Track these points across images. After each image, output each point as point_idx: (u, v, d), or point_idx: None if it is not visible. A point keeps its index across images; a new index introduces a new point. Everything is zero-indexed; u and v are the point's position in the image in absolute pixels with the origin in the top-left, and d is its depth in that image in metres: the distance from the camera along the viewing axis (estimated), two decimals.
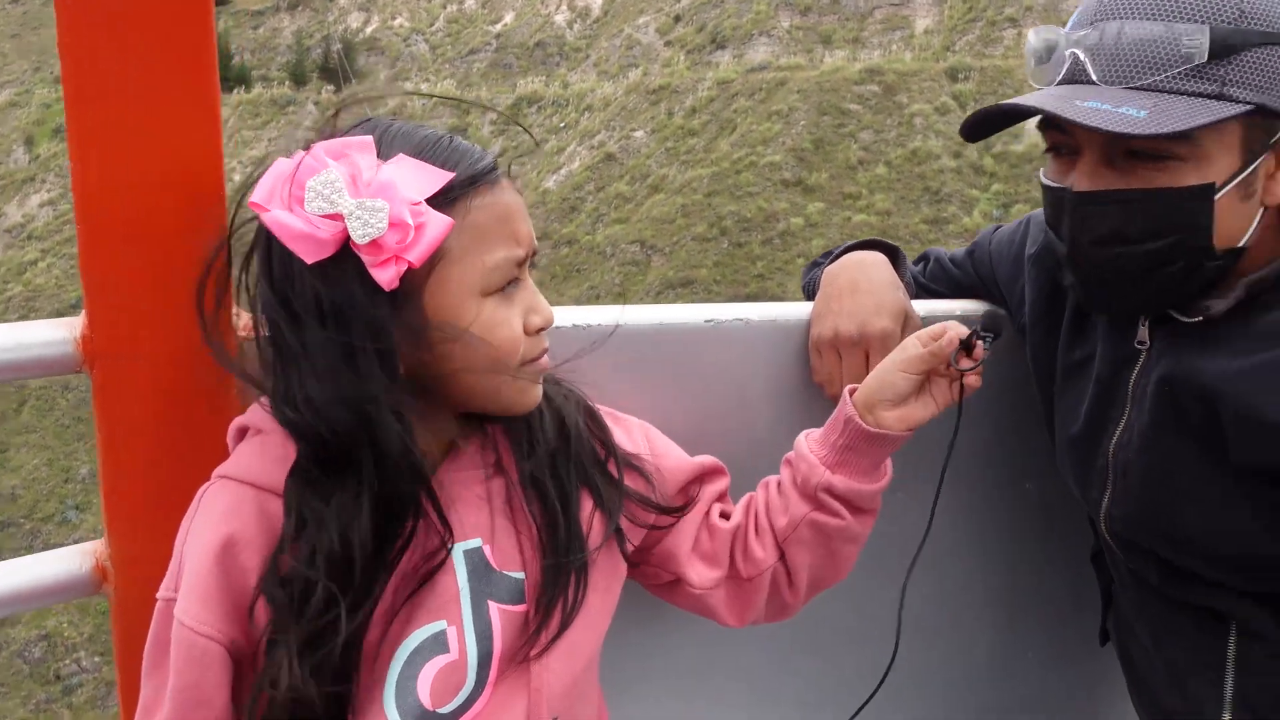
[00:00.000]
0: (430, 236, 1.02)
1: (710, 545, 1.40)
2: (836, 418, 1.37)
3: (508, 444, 1.24)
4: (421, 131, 1.12)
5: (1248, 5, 1.13)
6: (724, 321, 1.57)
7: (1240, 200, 1.19)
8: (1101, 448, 1.43)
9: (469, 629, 1.17)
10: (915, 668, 1.55)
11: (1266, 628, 1.30)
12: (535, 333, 1.16)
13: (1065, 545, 1.80)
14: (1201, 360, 1.26)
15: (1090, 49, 1.16)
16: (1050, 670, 1.95)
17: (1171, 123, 1.09)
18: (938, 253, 1.86)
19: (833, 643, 1.75)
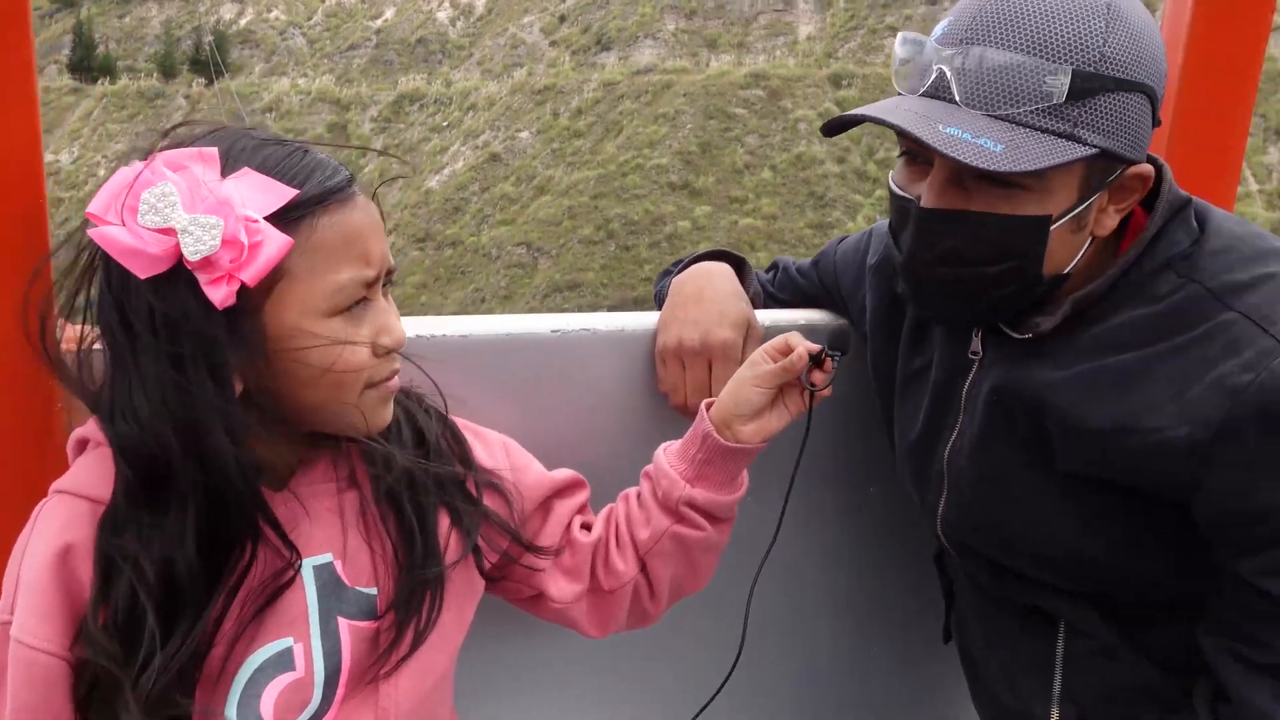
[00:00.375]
0: (266, 256, 0.99)
1: (571, 559, 1.40)
2: (695, 433, 1.38)
3: (361, 458, 1.20)
4: (272, 145, 1.06)
5: (1109, 50, 1.16)
6: (570, 331, 1.58)
7: (1071, 232, 1.24)
8: (937, 454, 1.47)
9: (316, 646, 1.15)
10: (763, 668, 1.60)
11: (1092, 626, 1.36)
12: (385, 354, 1.12)
13: (909, 548, 1.84)
14: (1029, 372, 1.31)
15: (957, 70, 1.19)
16: (896, 669, 2.01)
17: (1025, 161, 1.13)
18: (786, 262, 1.89)
19: (685, 644, 1.75)
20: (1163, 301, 1.24)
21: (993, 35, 1.18)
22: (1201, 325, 1.20)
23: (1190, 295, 1.22)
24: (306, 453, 1.19)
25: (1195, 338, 1.20)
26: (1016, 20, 1.18)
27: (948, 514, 1.47)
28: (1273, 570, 1.16)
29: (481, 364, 1.53)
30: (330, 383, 1.08)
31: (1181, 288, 1.23)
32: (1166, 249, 1.26)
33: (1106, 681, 1.38)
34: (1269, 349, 1.14)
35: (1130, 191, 1.27)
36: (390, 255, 1.12)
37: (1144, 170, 1.24)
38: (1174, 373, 1.20)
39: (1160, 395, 1.20)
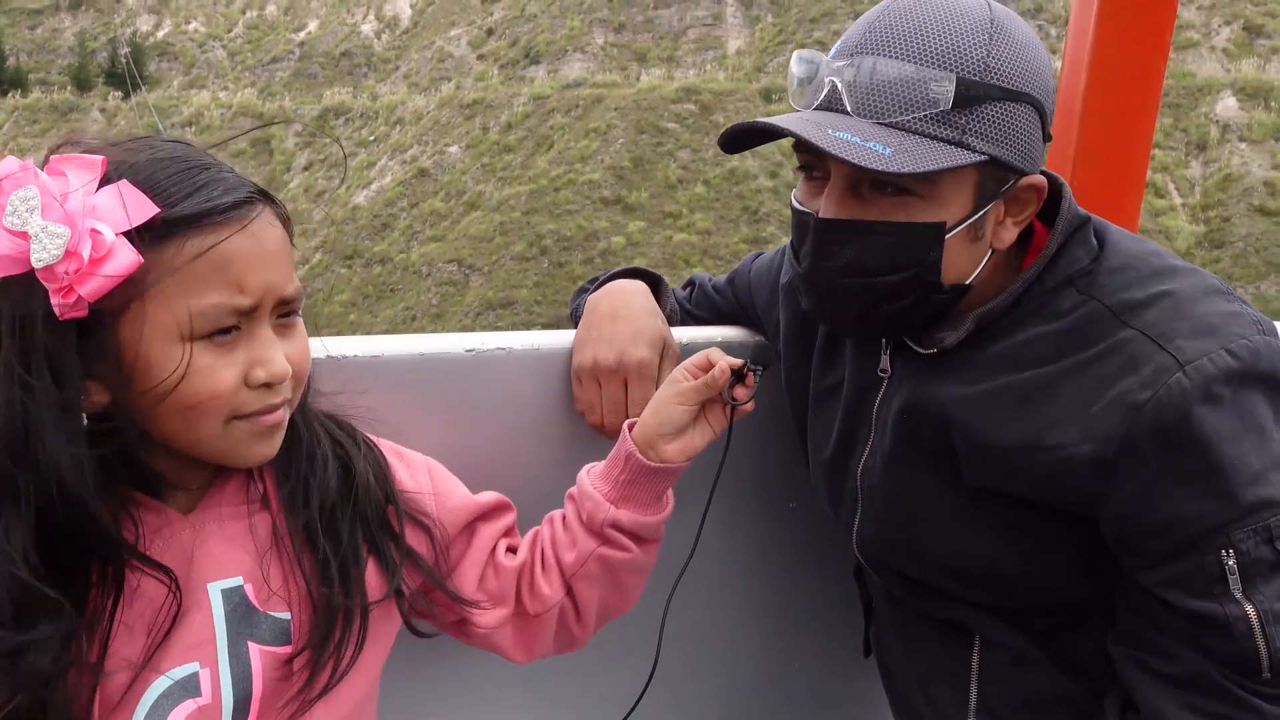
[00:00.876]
0: (108, 271, 0.97)
1: (496, 584, 1.39)
2: (617, 453, 1.39)
3: (275, 481, 1.19)
4: (172, 160, 1.05)
5: (993, 60, 1.21)
6: (485, 350, 1.56)
7: (969, 241, 1.27)
8: (850, 471, 1.49)
9: (224, 671, 1.12)
10: (684, 681, 1.64)
11: (1006, 637, 1.39)
12: (259, 386, 1.08)
13: (829, 562, 1.85)
14: (935, 388, 1.34)
15: (848, 82, 1.23)
16: (817, 682, 2.00)
17: (913, 163, 1.16)
18: (703, 279, 1.91)
19: (606, 659, 1.71)
20: (1064, 318, 1.27)
21: (881, 47, 1.22)
22: (1101, 342, 1.23)
23: (1090, 313, 1.26)
24: (215, 474, 1.16)
25: (1096, 354, 1.23)
26: (903, 33, 1.22)
27: (863, 531, 1.49)
28: (1175, 582, 1.19)
29: (398, 384, 1.50)
30: (186, 407, 1.05)
31: (1082, 304, 1.27)
32: (1067, 266, 1.30)
33: (1021, 692, 1.39)
34: (1166, 365, 1.17)
35: (1025, 204, 1.30)
36: (287, 284, 1.09)
37: (1036, 181, 1.28)
38: (1076, 390, 1.23)
39: (1063, 412, 1.23)
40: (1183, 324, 1.21)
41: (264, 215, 1.08)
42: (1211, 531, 1.16)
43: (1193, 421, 1.15)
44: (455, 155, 49.66)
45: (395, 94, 60.68)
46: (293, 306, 1.12)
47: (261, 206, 1.08)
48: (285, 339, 1.11)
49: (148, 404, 1.04)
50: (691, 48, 58.69)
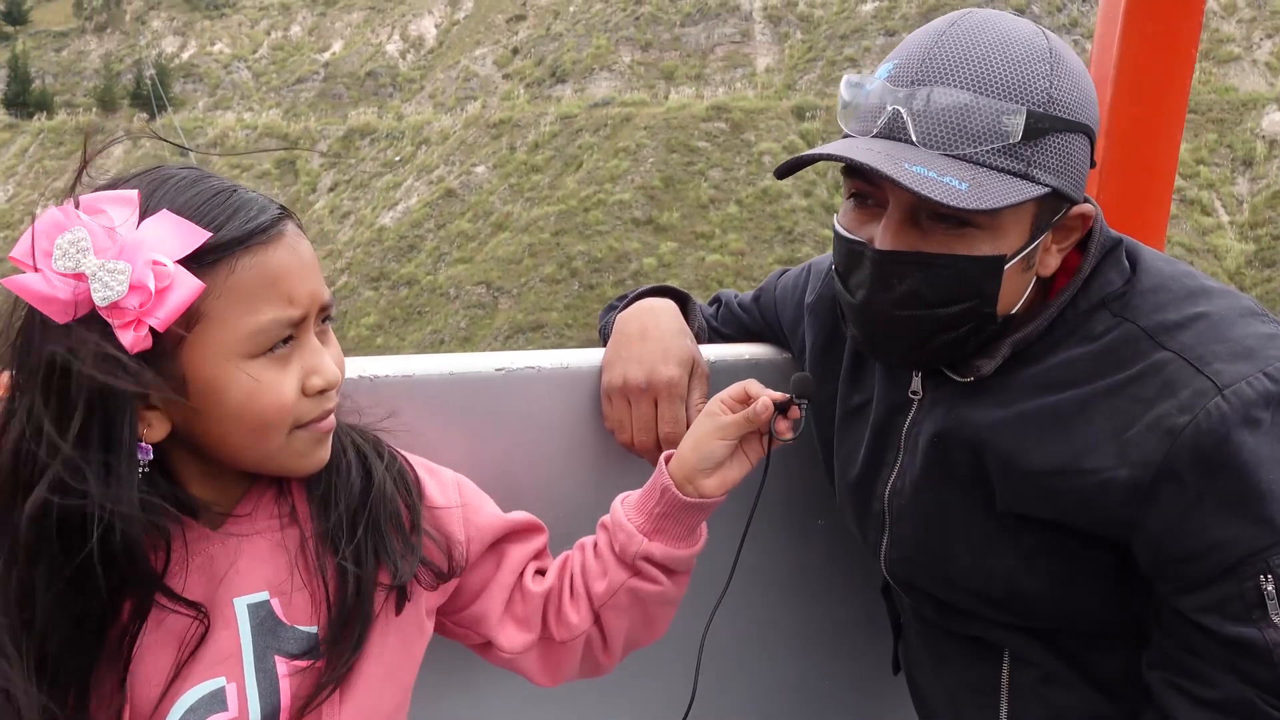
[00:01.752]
0: (175, 301, 0.99)
1: (523, 608, 1.38)
2: (653, 486, 1.37)
3: (305, 495, 1.20)
4: (199, 185, 1.06)
5: (1056, 92, 1.20)
6: (515, 369, 1.58)
7: (1021, 271, 1.27)
8: (876, 493, 1.48)
9: (251, 685, 1.14)
10: (716, 701, 1.62)
11: (1037, 655, 1.39)
12: (316, 394, 1.12)
13: (857, 579, 1.84)
14: (969, 413, 1.34)
15: (916, 111, 1.20)
16: (846, 699, 2.02)
17: (990, 199, 1.15)
18: (729, 296, 1.89)
19: (640, 686, 1.76)
20: (1098, 340, 1.26)
21: (946, 75, 1.19)
22: (1137, 364, 1.22)
23: (1125, 334, 1.25)
24: (246, 489, 1.18)
25: (1131, 376, 1.22)
26: (968, 62, 1.19)
27: (890, 552, 1.47)
28: (1213, 607, 1.18)
29: (428, 404, 1.51)
30: (255, 423, 1.06)
31: (1116, 326, 1.26)
32: (1100, 289, 1.29)
33: (1052, 709, 1.39)
34: (1204, 390, 1.17)
35: (1071, 231, 1.29)
36: (324, 291, 1.12)
37: (1085, 210, 1.27)
38: (1112, 411, 1.22)
39: (1099, 435, 1.22)
40: (1220, 347, 1.20)
41: (293, 229, 1.10)
42: (1250, 557, 1.15)
43: (1231, 446, 1.14)
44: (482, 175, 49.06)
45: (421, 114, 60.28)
46: (330, 312, 1.15)
47: (289, 221, 1.10)
48: (325, 345, 1.14)
49: (215, 427, 1.07)
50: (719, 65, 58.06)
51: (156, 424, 1.05)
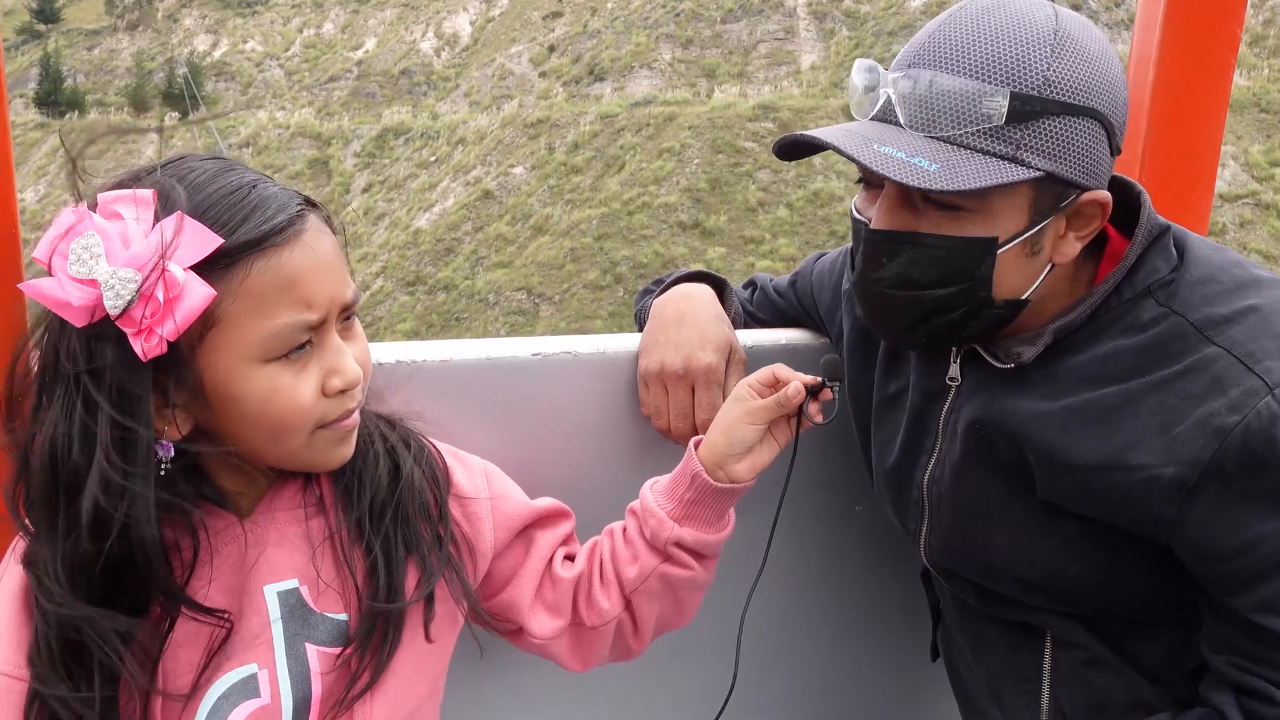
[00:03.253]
0: (186, 310, 0.98)
1: (553, 594, 1.38)
2: (683, 471, 1.37)
3: (331, 485, 1.21)
4: (218, 181, 1.04)
5: (1053, 74, 1.18)
6: (551, 355, 1.58)
7: (1025, 256, 1.25)
8: (915, 480, 1.46)
9: (283, 672, 1.15)
10: (753, 688, 1.62)
11: (1080, 639, 1.38)
12: (337, 394, 1.11)
13: (896, 565, 1.85)
14: (1011, 403, 1.32)
15: (901, 94, 1.21)
16: (885, 686, 2.01)
17: (957, 180, 1.15)
18: (764, 280, 1.88)
19: (677, 671, 1.78)
20: (1144, 331, 1.25)
21: (937, 60, 1.20)
22: (1184, 359, 1.21)
23: (1173, 328, 1.24)
24: (275, 479, 1.18)
25: (1178, 372, 1.21)
26: (961, 46, 1.20)
27: (930, 539, 1.46)
28: (1266, 605, 1.18)
29: (463, 388, 1.53)
30: (273, 426, 1.06)
31: (1163, 319, 1.25)
32: (1146, 276, 1.27)
33: (1095, 693, 1.38)
34: (1254, 389, 1.16)
35: (1089, 219, 1.27)
36: (346, 290, 1.10)
37: (1100, 197, 1.25)
38: (1158, 407, 1.21)
39: (1145, 431, 1.21)
40: (1270, 343, 1.18)
41: (314, 225, 1.08)
42: None
43: None
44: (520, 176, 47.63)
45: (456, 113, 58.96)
46: (352, 310, 1.13)
47: (311, 216, 1.08)
48: (349, 341, 1.13)
49: (235, 428, 1.07)
50: (763, 63, 56.42)
51: (179, 421, 1.04)
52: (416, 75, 67.53)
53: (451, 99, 63.38)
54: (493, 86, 61.82)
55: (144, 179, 1.03)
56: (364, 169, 56.19)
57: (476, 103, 60.63)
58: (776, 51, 56.83)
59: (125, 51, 78.13)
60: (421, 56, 69.31)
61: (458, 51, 69.33)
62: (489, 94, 61.09)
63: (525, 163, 48.35)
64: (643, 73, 56.37)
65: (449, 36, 70.51)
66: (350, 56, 71.92)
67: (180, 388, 1.02)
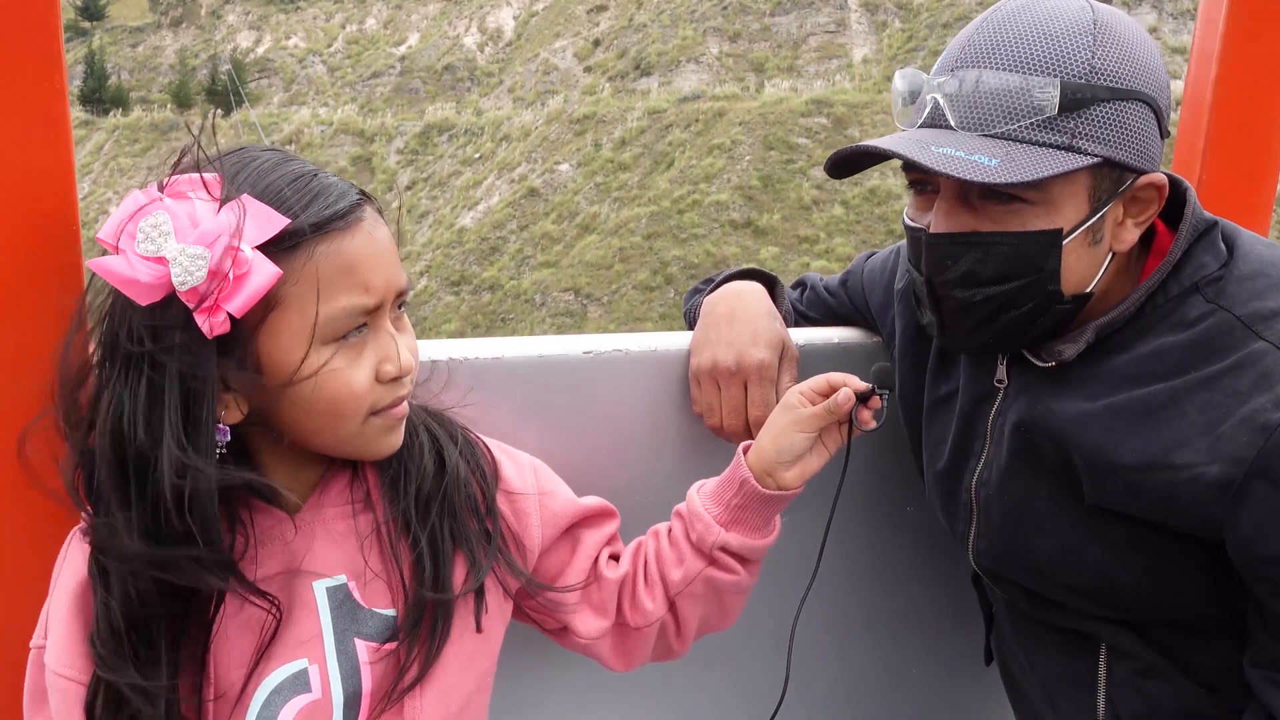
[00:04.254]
0: (253, 287, 1.00)
1: (599, 595, 1.38)
2: (731, 477, 1.38)
3: (378, 479, 1.22)
4: (281, 169, 1.07)
5: (1098, 62, 1.19)
6: (603, 352, 1.59)
7: (1088, 246, 1.25)
8: (964, 483, 1.47)
9: (333, 667, 1.16)
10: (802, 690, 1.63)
11: (1133, 647, 1.36)
12: (389, 381, 1.13)
13: (947, 567, 1.84)
14: (1055, 403, 1.31)
15: (949, 95, 1.22)
16: (937, 690, 2.00)
17: (1020, 172, 1.16)
18: (814, 279, 1.88)
19: (727, 676, 1.79)
20: (1191, 328, 1.23)
21: (982, 59, 1.20)
22: (1231, 355, 1.19)
23: (1219, 323, 1.22)
24: (322, 474, 1.20)
25: (1225, 368, 1.19)
26: (1003, 43, 1.21)
27: (978, 543, 1.46)
28: None
29: (514, 386, 1.54)
30: (328, 410, 1.07)
31: (1210, 314, 1.23)
32: (1194, 272, 1.26)
33: (1150, 701, 1.37)
34: None
35: (1146, 203, 1.27)
36: (401, 278, 1.13)
37: (1156, 179, 1.25)
38: (1204, 405, 1.19)
39: (1191, 429, 1.19)
40: None
41: (371, 214, 1.10)
42: None
43: None
44: (566, 174, 46.70)
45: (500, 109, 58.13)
46: (405, 299, 1.16)
47: (367, 206, 1.10)
48: (400, 333, 1.15)
49: (290, 412, 1.08)
50: (813, 56, 55.13)
51: (234, 406, 1.05)
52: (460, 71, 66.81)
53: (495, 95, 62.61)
54: (537, 82, 60.96)
55: (208, 165, 1.04)
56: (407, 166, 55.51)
57: (521, 98, 59.80)
58: (827, 45, 55.51)
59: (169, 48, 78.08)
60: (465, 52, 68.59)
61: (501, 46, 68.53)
62: (533, 89, 60.23)
63: (571, 159, 47.42)
64: (690, 67, 55.27)
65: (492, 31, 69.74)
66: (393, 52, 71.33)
67: (240, 369, 1.02)
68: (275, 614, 1.11)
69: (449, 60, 67.93)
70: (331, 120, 60.57)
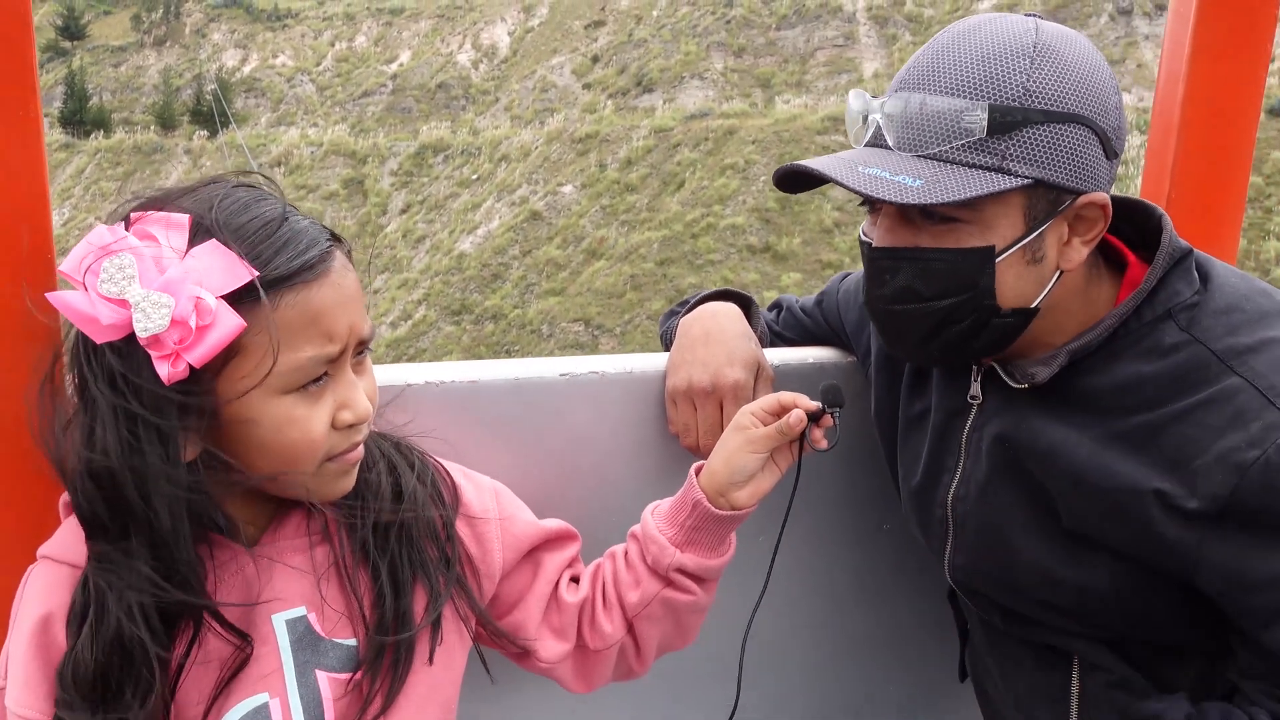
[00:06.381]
0: (214, 339, 0.99)
1: (559, 619, 1.39)
2: (683, 499, 1.38)
3: (336, 511, 1.21)
4: (250, 212, 1.05)
5: (1033, 84, 1.21)
6: (579, 375, 1.59)
7: (1026, 264, 1.26)
8: (938, 499, 1.47)
9: (294, 701, 1.15)
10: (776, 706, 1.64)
11: (1106, 661, 1.37)
12: (346, 428, 1.12)
13: (923, 584, 1.82)
14: (1035, 423, 1.33)
15: (889, 116, 1.25)
16: (912, 705, 1.97)
17: (942, 193, 1.18)
18: (790, 300, 1.89)
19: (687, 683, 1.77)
20: (1165, 358, 1.25)
21: (922, 82, 1.25)
22: (1205, 389, 1.21)
23: (1194, 357, 1.24)
24: (279, 508, 1.19)
25: (1200, 401, 1.21)
26: (943, 66, 1.24)
27: (954, 559, 1.47)
28: None
29: (491, 409, 1.55)
30: (283, 455, 1.07)
31: (1185, 346, 1.25)
32: (1167, 299, 1.28)
33: (1124, 714, 1.37)
34: (1275, 423, 1.16)
35: (1091, 222, 1.29)
36: (365, 325, 1.12)
37: (1098, 199, 1.27)
38: (1181, 439, 1.21)
39: (1167, 463, 1.21)
40: None
41: (340, 260, 1.10)
42: None
43: None
44: (570, 196, 44.52)
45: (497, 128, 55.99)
46: (368, 345, 1.15)
47: (337, 252, 1.10)
48: (359, 375, 1.14)
49: (245, 455, 1.07)
50: (822, 71, 53.16)
51: (189, 445, 1.04)
52: (454, 89, 64.62)
53: (491, 113, 60.48)
54: (534, 100, 58.89)
55: (177, 201, 1.03)
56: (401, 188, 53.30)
57: (518, 117, 57.70)
58: (836, 59, 53.57)
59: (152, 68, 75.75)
60: (459, 69, 66.40)
61: (496, 64, 66.38)
62: (530, 107, 58.14)
63: (575, 181, 45.23)
64: (693, 83, 53.26)
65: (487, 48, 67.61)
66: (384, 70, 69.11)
67: (196, 413, 1.01)
68: (246, 649, 1.09)
69: (442, 78, 65.74)
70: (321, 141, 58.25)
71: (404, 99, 65.18)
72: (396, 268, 45.62)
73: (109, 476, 0.99)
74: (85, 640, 1.02)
